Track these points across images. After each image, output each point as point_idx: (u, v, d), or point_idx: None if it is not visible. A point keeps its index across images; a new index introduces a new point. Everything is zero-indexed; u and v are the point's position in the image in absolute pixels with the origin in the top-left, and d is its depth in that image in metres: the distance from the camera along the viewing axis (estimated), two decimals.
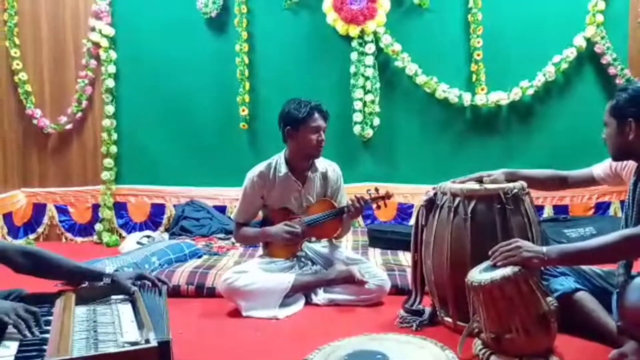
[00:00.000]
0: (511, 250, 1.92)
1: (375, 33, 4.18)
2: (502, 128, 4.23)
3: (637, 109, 1.95)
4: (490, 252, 1.98)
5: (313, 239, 2.94)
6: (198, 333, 2.42)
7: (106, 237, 4.36)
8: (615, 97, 2.01)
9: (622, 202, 4.15)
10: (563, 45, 4.09)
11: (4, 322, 1.53)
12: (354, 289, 2.73)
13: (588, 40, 4.06)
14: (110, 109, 4.40)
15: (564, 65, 4.09)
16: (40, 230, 4.51)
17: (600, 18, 4.03)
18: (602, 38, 4.05)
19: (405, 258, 3.36)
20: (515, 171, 2.39)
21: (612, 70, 4.06)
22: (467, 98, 4.15)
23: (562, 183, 2.44)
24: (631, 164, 2.12)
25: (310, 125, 2.76)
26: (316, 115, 2.78)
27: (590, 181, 2.36)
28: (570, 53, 4.07)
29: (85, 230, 4.51)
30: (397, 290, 2.83)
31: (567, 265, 2.16)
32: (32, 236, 4.46)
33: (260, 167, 2.89)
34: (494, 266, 1.94)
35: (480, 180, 2.35)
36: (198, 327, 2.50)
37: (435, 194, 2.41)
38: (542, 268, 2.18)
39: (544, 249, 1.90)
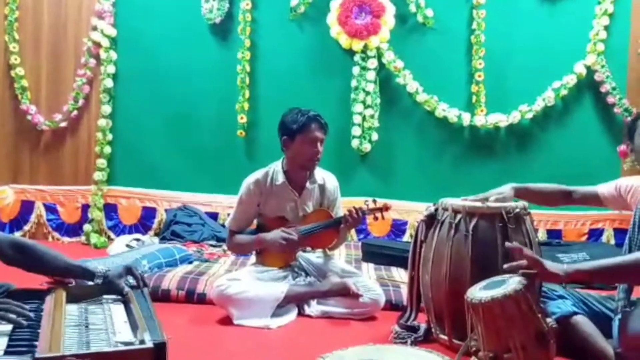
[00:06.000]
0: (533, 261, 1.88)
1: (378, 49, 4.19)
2: (499, 150, 4.26)
3: None
4: (506, 267, 1.94)
5: (308, 248, 2.90)
6: (187, 339, 2.36)
7: (94, 238, 4.28)
8: None
9: (615, 229, 4.17)
10: (563, 71, 4.14)
11: None
12: (348, 302, 2.69)
13: (588, 68, 4.11)
14: (107, 109, 4.36)
15: (564, 92, 4.13)
16: (26, 227, 4.42)
17: (601, 47, 4.09)
18: (602, 67, 4.10)
19: (398, 274, 3.33)
20: (523, 186, 2.38)
21: (610, 99, 4.11)
22: (466, 118, 4.17)
23: (566, 197, 2.41)
24: (637, 189, 2.11)
25: (306, 135, 2.71)
26: (313, 126, 2.72)
27: (595, 199, 2.34)
28: (570, 80, 4.12)
29: (73, 230, 4.43)
30: (391, 305, 2.80)
31: (588, 280, 2.08)
32: (18, 233, 4.35)
33: (257, 174, 2.86)
34: (502, 284, 1.91)
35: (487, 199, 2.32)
36: (188, 333, 2.44)
37: (435, 210, 2.39)
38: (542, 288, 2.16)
39: (564, 265, 1.87)
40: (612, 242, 4.16)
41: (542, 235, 4.18)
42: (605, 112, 4.15)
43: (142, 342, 1.41)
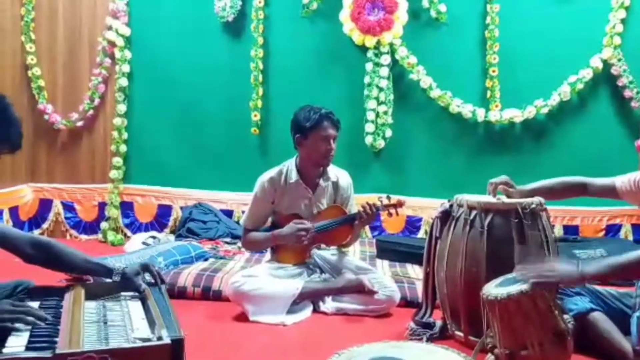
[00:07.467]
0: (546, 271, 1.87)
1: (391, 45, 4.18)
2: (514, 145, 4.21)
3: None
4: (519, 267, 1.94)
5: (322, 245, 2.91)
6: (204, 335, 2.38)
7: (111, 235, 4.33)
8: None
9: (633, 225, 4.12)
10: (579, 65, 4.08)
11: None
12: (363, 299, 2.69)
13: (604, 61, 4.05)
14: (122, 107, 4.40)
15: (580, 86, 4.07)
16: (45, 226, 4.48)
17: (617, 40, 4.02)
18: (619, 60, 4.03)
19: (413, 270, 3.33)
20: (536, 188, 2.36)
21: (627, 93, 4.05)
22: (480, 114, 4.13)
23: (583, 190, 2.37)
24: None
25: (319, 133, 2.71)
26: (325, 123, 2.72)
27: (611, 191, 2.29)
28: (587, 74, 4.06)
29: (91, 228, 4.49)
30: (406, 302, 2.80)
31: (605, 279, 2.06)
32: (36, 231, 4.42)
33: (271, 172, 2.87)
34: (518, 281, 1.90)
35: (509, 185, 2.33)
36: (204, 330, 2.46)
37: (450, 206, 2.39)
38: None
39: (580, 266, 1.85)
40: (630, 237, 4.10)
41: (558, 231, 4.13)
42: (622, 107, 4.09)
43: (159, 338, 1.42)
